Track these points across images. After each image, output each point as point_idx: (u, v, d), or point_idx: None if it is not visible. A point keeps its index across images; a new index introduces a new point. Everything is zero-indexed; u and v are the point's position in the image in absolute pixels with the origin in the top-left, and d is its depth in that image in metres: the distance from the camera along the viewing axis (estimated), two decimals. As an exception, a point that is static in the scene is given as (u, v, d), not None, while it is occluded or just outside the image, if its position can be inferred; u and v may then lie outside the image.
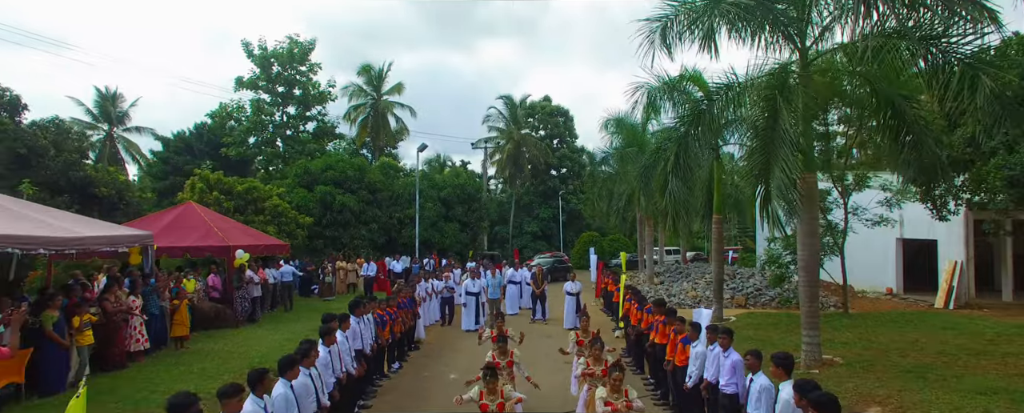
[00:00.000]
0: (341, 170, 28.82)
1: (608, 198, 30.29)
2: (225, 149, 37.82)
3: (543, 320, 17.77)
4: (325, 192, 27.53)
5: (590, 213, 40.58)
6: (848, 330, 12.76)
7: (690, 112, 11.01)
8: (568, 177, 52.93)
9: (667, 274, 27.21)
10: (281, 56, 39.24)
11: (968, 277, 21.36)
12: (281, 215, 23.30)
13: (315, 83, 40.94)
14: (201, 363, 10.59)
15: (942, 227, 20.07)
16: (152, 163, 42.04)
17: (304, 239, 24.49)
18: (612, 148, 27.80)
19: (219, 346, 12.08)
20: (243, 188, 22.90)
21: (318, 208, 27.26)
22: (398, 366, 12.02)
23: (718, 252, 15.70)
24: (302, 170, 29.36)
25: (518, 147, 49.52)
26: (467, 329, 16.33)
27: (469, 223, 35.00)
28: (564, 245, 48.74)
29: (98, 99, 47.00)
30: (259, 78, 39.48)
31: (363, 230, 28.50)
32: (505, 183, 53.73)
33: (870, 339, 11.44)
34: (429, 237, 31.31)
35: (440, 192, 33.90)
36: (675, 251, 40.68)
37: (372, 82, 45.97)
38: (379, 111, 45.76)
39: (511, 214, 50.55)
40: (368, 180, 29.61)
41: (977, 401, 7.06)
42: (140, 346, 10.42)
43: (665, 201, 11.43)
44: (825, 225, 15.57)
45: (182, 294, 12.05)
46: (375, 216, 29.20)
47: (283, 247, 19.88)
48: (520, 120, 51.17)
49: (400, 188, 32.08)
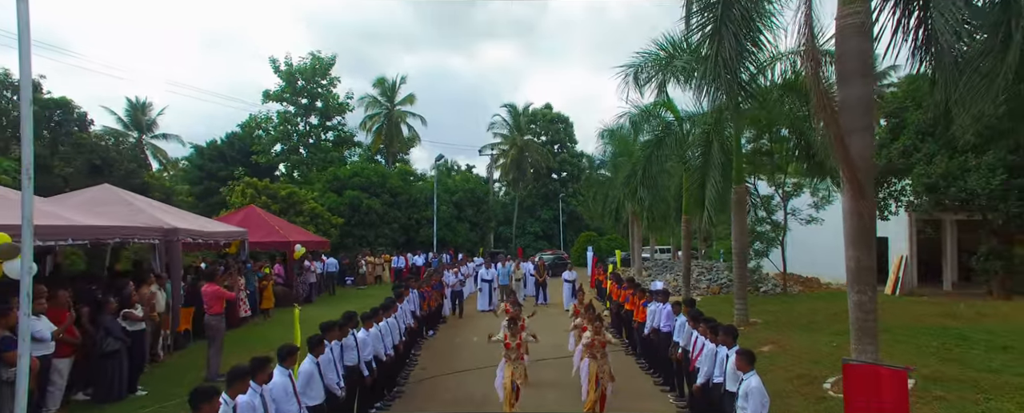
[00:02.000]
0: (366, 176, 32.65)
1: (603, 201, 33.84)
2: (255, 156, 41.52)
3: (544, 304, 21.39)
4: (353, 196, 31.31)
5: (588, 214, 44.29)
6: (779, 304, 16.43)
7: (654, 138, 14.64)
8: (568, 180, 56.50)
9: (654, 268, 30.86)
10: (305, 71, 42.97)
11: (912, 269, 24.90)
12: (318, 217, 26.97)
13: (334, 95, 44.69)
14: (284, 328, 14.19)
15: (892, 226, 23.60)
16: (187, 169, 45.77)
17: (336, 238, 28.15)
18: (606, 156, 31.41)
19: (290, 318, 15.66)
20: (285, 193, 26.58)
21: (347, 210, 31.00)
22: (432, 333, 15.62)
23: (686, 247, 19.31)
24: (332, 177, 33.12)
25: (521, 152, 53.14)
26: (482, 309, 19.95)
27: (478, 223, 38.78)
28: (564, 244, 52.31)
29: (129, 108, 50.75)
30: (284, 91, 43.21)
31: (386, 229, 32.28)
32: (509, 186, 57.35)
33: (790, 310, 15.06)
34: (443, 236, 35.08)
35: (452, 196, 37.71)
36: (666, 250, 44.28)
37: (386, 93, 49.70)
38: (393, 120, 49.45)
39: (514, 215, 54.14)
40: (389, 185, 33.41)
41: (832, 340, 10.65)
42: (245, 313, 14.06)
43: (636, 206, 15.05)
44: (771, 223, 19.16)
45: (268, 277, 15.71)
46: (396, 217, 33.01)
47: (324, 243, 23.57)
48: (523, 127, 54.81)
49: (416, 192, 35.90)
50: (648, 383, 10.35)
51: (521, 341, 9.14)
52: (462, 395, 9.53)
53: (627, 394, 9.21)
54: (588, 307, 11.14)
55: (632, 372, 10.91)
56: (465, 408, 8.99)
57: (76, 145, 26.90)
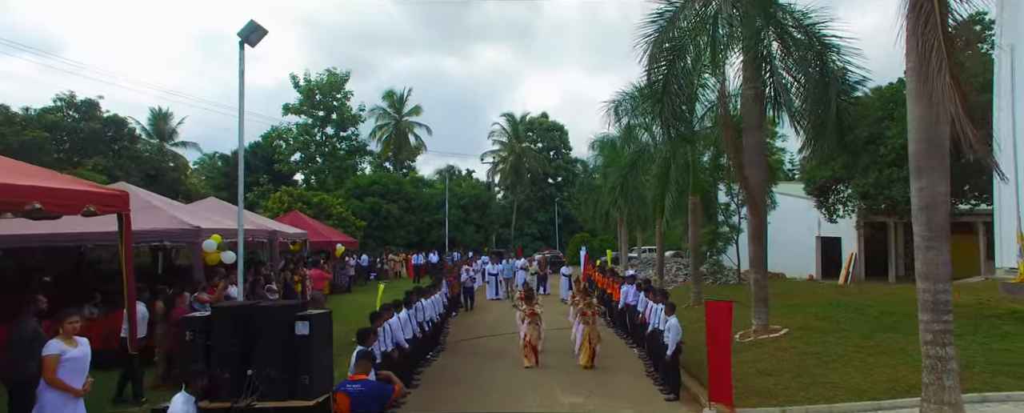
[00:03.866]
0: (384, 184, 36.77)
1: (594, 205, 37.85)
2: (277, 165, 45.51)
3: (546, 293, 25.42)
4: (374, 202, 35.37)
5: (581, 217, 48.45)
6: (729, 289, 20.58)
7: (629, 159, 18.70)
8: (563, 185, 60.60)
9: (639, 265, 34.96)
10: (322, 86, 46.98)
11: (860, 264, 29.06)
12: (344, 220, 30.94)
13: (348, 108, 48.74)
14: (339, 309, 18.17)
15: (844, 228, 27.78)
16: (213, 176, 49.67)
17: (360, 239, 32.15)
18: (596, 165, 35.49)
19: (338, 302, 19.70)
20: (317, 199, 30.55)
21: (368, 214, 35.04)
22: (454, 314, 19.60)
23: (660, 247, 23.42)
24: (354, 184, 37.17)
25: (519, 159, 57.23)
26: (491, 298, 23.96)
27: (483, 225, 42.92)
28: (560, 245, 56.41)
29: (152, 117, 54.56)
30: (302, 104, 47.20)
31: (402, 231, 36.37)
32: (507, 190, 61.43)
33: (734, 292, 19.13)
34: (452, 236, 39.18)
35: (460, 201, 41.88)
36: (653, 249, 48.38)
37: (394, 105, 53.78)
38: (401, 130, 53.52)
39: (513, 217, 58.20)
40: (405, 192, 37.52)
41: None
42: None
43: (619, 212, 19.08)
44: (729, 226, 23.28)
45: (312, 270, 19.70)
46: (411, 220, 37.11)
47: (354, 243, 27.57)
48: (521, 134, 58.94)
49: (427, 197, 40.02)
50: (622, 344, 14.37)
51: (536, 310, 13.03)
52: (486, 349, 13.52)
53: (608, 352, 13.15)
54: (583, 289, 15.21)
55: (612, 338, 14.91)
56: (490, 359, 12.92)
57: (134, 158, 30.80)
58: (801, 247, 31.31)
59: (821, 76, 10.84)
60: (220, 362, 6.23)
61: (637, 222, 23.98)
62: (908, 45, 6.99)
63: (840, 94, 10.63)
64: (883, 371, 8.67)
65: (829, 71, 10.77)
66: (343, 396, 5.28)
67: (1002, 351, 9.08)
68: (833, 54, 10.79)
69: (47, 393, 5.28)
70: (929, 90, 6.61)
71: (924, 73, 6.63)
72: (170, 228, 10.49)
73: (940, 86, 6.49)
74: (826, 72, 10.81)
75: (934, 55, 6.53)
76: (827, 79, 10.73)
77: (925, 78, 6.63)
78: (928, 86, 6.61)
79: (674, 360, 9.64)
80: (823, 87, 10.57)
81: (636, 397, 9.67)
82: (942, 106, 6.51)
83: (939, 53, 6.49)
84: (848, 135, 11.31)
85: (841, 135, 10.96)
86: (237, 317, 6.44)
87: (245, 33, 9.83)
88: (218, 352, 6.29)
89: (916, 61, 6.80)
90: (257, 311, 6.54)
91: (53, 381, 5.28)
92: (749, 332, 12.18)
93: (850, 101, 10.97)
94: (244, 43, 9.92)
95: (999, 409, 7.28)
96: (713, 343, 8.41)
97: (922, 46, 6.66)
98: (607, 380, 10.71)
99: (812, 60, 10.85)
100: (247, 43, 9.96)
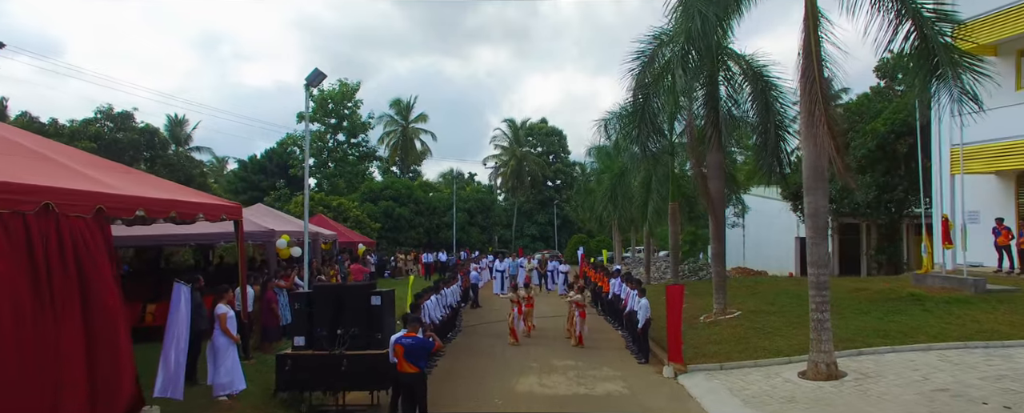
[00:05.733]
0: (396, 189, 39.67)
1: (590, 208, 40.67)
2: (292, 170, 48.34)
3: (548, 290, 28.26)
4: (387, 206, 38.27)
5: (579, 219, 51.29)
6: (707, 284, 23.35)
7: (619, 170, 21.53)
8: (562, 188, 63.46)
9: (632, 263, 37.82)
10: (334, 95, 49.84)
11: (834, 262, 31.88)
12: (360, 222, 33.76)
13: (358, 115, 51.62)
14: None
15: (820, 229, 30.68)
16: (231, 180, 52.47)
17: (375, 240, 35.00)
18: (593, 171, 38.32)
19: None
20: (336, 203, 33.37)
21: (382, 217, 37.89)
22: (465, 305, 22.40)
23: (647, 247, 26.25)
24: (367, 189, 40.06)
25: (520, 163, 60.12)
26: (497, 293, 26.76)
27: (486, 227, 45.85)
28: (559, 245, 59.25)
29: (168, 123, 57.32)
30: (315, 112, 50.06)
31: (412, 233, 39.26)
32: (508, 193, 64.30)
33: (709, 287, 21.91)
34: (459, 237, 42.12)
35: (465, 204, 44.85)
36: (646, 249, 51.32)
37: (401, 112, 56.72)
38: (407, 136, 56.45)
39: (514, 219, 61.05)
40: (415, 196, 40.43)
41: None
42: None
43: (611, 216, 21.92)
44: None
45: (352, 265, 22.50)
46: (421, 223, 40.01)
47: (371, 243, 30.40)
48: (521, 139, 61.82)
49: (435, 201, 42.95)
50: (609, 328, 17.20)
51: (522, 298, 15.82)
52: (495, 331, 16.35)
53: (596, 334, 15.93)
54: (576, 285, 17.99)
55: (601, 324, 17.75)
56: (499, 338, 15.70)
57: (167, 165, 33.59)
58: (782, 247, 34.33)
59: (764, 109, 13.68)
60: (321, 324, 9.03)
61: (628, 224, 26.78)
62: (801, 100, 9.83)
63: (777, 125, 13.49)
64: (799, 339, 11.44)
65: (770, 105, 13.62)
66: (399, 346, 7.76)
67: (888, 322, 11.87)
68: (773, 92, 13.63)
69: (220, 337, 8.09)
70: (813, 134, 9.46)
71: (809, 122, 9.47)
72: (250, 230, 13.27)
73: (821, 133, 9.34)
74: (768, 106, 13.65)
75: (817, 109, 9.38)
76: (768, 111, 13.58)
77: (810, 125, 9.47)
78: (812, 131, 9.46)
79: (644, 332, 12.47)
80: (765, 115, 13.43)
81: (615, 362, 12.50)
82: (822, 146, 9.36)
83: (819, 108, 9.34)
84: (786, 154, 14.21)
85: (778, 154, 13.84)
86: (331, 294, 9.26)
87: (310, 79, 12.63)
88: (318, 317, 9.09)
89: (805, 113, 9.63)
90: (344, 289, 9.36)
91: (225, 330, 8.09)
92: (711, 314, 14.97)
93: (785, 128, 13.84)
94: (308, 87, 12.73)
95: (865, 359, 10.09)
96: (671, 316, 11.23)
97: (809, 102, 9.50)
98: (593, 352, 13.58)
99: (756, 97, 13.69)
100: (310, 86, 12.77)
